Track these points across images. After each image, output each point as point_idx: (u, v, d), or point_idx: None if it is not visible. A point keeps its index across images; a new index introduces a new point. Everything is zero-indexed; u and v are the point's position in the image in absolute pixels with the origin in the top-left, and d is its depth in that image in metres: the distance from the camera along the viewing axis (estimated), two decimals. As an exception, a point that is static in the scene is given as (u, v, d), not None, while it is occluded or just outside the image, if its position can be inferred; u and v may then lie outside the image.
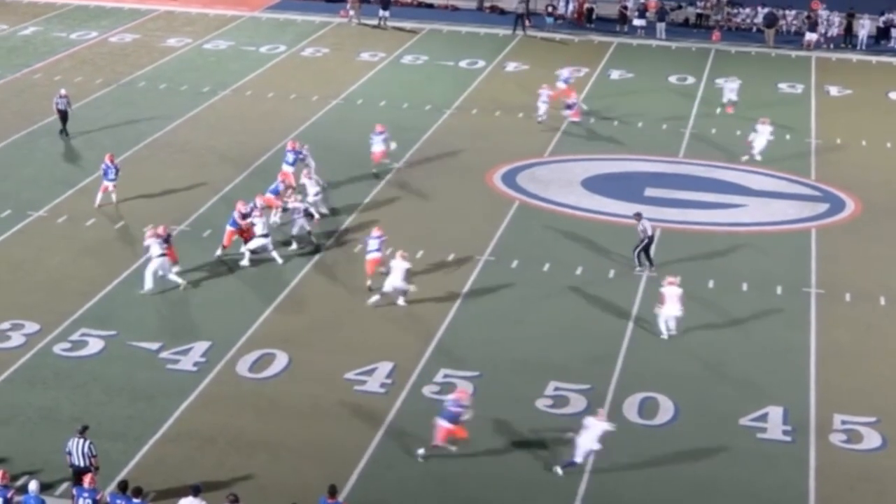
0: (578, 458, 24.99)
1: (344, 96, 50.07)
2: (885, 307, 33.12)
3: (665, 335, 30.89)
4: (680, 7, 64.35)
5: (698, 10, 64.82)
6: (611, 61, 57.00)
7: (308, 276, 33.95)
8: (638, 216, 35.12)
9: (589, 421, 25.14)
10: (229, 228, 34.62)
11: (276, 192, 36.97)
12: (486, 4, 67.22)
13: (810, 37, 60.49)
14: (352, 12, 63.03)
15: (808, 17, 61.56)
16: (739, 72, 54.57)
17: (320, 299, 32.71)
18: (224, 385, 28.29)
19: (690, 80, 53.91)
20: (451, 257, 35.20)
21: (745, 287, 33.93)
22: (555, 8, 64.24)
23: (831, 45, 60.82)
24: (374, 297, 32.24)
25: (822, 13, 62.20)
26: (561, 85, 48.61)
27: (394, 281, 31.98)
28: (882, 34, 61.81)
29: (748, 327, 31.65)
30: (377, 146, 41.34)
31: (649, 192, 40.86)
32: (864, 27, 61.39)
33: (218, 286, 33.27)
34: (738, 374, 29.46)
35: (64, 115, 44.14)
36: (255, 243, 34.33)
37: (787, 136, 46.28)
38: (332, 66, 55.00)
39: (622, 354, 30.10)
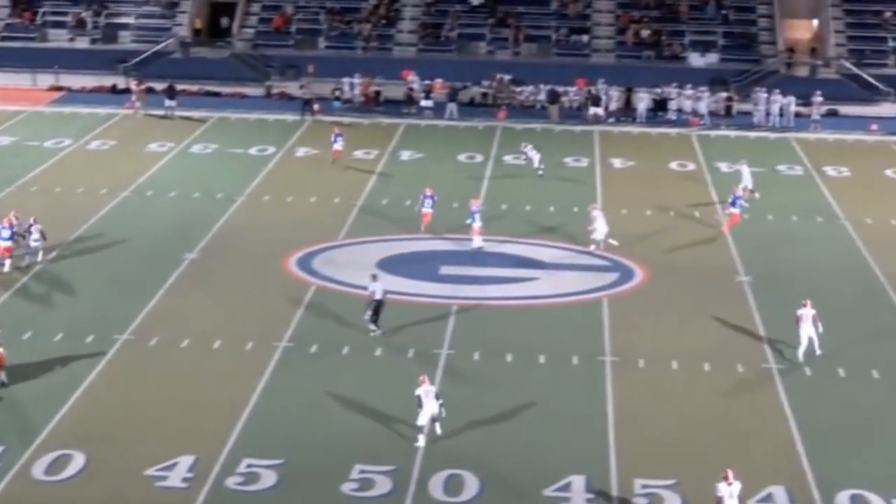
0: None
1: (133, 188, 49.46)
2: (678, 371, 33.96)
3: (818, 352, 34.36)
4: (465, 87, 65.48)
5: (483, 90, 66.05)
6: (400, 142, 57.66)
7: (104, 371, 33.23)
8: (373, 277, 36.09)
9: (721, 488, 25.79)
10: None
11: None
12: (274, 91, 67.37)
13: (594, 110, 62.24)
14: (138, 104, 62.46)
15: (590, 93, 63.21)
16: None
17: (118, 394, 32.02)
18: (19, 490, 27.34)
19: (479, 157, 54.82)
20: (249, 346, 34.93)
21: (542, 359, 34.43)
22: (342, 92, 64.77)
23: (612, 119, 62.62)
24: (422, 438, 29.71)
25: (602, 87, 64.04)
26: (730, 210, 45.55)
27: (430, 408, 29.78)
28: (659, 106, 63.90)
29: (547, 398, 32.06)
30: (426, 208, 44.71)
31: (444, 269, 41.30)
32: (643, 100, 63.48)
33: (8, 387, 32.29)
34: (539, 445, 29.79)
35: None
36: None
37: (575, 209, 47.34)
38: (120, 157, 54.34)
39: (425, 432, 30.14)
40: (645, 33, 70.71)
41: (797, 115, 62.65)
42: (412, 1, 73.51)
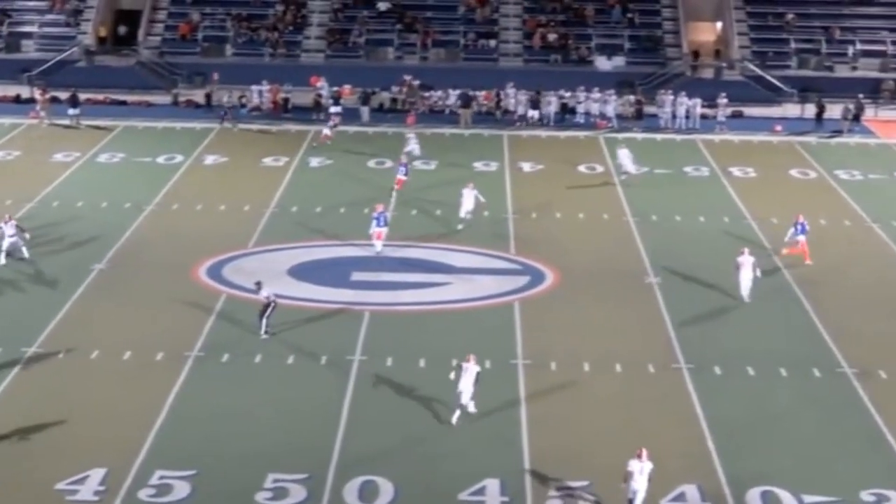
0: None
1: (39, 199, 48.81)
2: (589, 372, 34.21)
3: (747, 300, 38.72)
4: (374, 93, 65.44)
5: (392, 95, 66.11)
6: (310, 149, 57.44)
7: (12, 384, 32.75)
8: (258, 285, 36.21)
9: (633, 464, 26.66)
10: None
11: None
12: (181, 99, 66.86)
13: (532, 114, 62.54)
14: (42, 113, 61.72)
15: (531, 98, 63.48)
16: (439, 153, 56.01)
17: (26, 407, 31.52)
18: (-74, 508, 27.01)
19: (389, 163, 54.80)
20: (160, 356, 34.62)
21: (455, 363, 34.42)
22: (248, 99, 64.40)
23: (524, 123, 62.90)
24: (456, 416, 31.02)
25: (510, 91, 64.33)
26: (798, 238, 42.94)
27: (465, 385, 31.04)
28: (566, 110, 64.30)
29: (461, 403, 32.17)
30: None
31: (356, 276, 41.23)
32: (551, 104, 63.90)
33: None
34: (454, 448, 29.83)
35: None
36: None
37: (486, 213, 47.46)
38: (25, 168, 53.64)
39: (339, 438, 30.12)
40: (552, 37, 71.06)
41: (703, 116, 63.35)
42: (319, 7, 73.34)
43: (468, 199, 45.82)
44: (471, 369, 31.15)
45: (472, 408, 31.27)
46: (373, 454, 29.37)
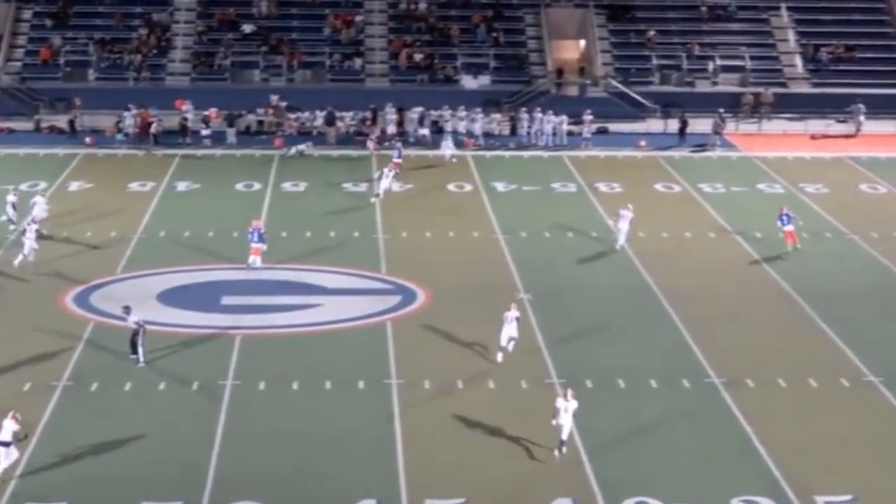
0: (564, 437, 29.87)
1: None
2: (462, 390, 34.35)
3: (620, 246, 45.98)
4: (241, 115, 65.04)
5: (259, 118, 65.79)
6: (176, 173, 56.93)
7: None
8: (127, 309, 35.94)
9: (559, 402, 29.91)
10: None
11: None
12: (44, 125, 65.75)
13: (422, 132, 63.19)
14: None
15: (420, 116, 64.24)
16: (308, 174, 55.89)
17: None
18: None
19: (257, 185, 54.58)
20: (27, 386, 34.00)
21: (328, 385, 34.41)
22: (124, 125, 63.45)
23: (386, 143, 62.95)
24: (500, 355, 35.83)
25: (389, 110, 64.41)
26: (786, 228, 46.30)
27: (508, 332, 35.72)
28: (433, 128, 64.63)
29: (334, 424, 32.05)
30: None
31: (226, 300, 40.94)
32: (413, 121, 64.19)
33: None
34: (329, 470, 29.76)
35: None
36: None
37: (356, 234, 47.52)
38: None
39: (213, 464, 29.86)
40: (418, 57, 71.37)
41: (569, 133, 64.11)
42: (184, 30, 72.73)
43: (386, 180, 52.26)
44: (510, 317, 35.87)
45: (510, 348, 35.96)
46: (248, 478, 29.18)
